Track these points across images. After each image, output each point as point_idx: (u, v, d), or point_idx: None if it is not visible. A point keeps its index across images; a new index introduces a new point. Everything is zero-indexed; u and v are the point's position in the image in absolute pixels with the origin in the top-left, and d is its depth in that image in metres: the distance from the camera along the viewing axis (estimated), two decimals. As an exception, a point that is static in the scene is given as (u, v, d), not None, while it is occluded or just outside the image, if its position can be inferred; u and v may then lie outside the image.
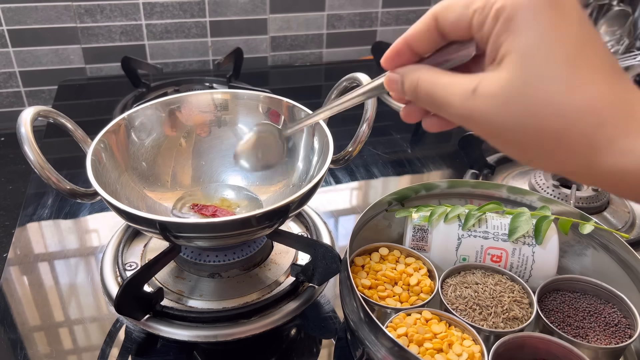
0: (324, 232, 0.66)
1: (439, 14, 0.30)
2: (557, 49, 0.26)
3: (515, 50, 0.26)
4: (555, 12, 0.26)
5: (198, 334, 0.52)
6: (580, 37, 0.26)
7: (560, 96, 0.25)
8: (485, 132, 0.28)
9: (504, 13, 0.26)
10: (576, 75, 0.25)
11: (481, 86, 0.27)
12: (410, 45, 0.32)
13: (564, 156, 0.27)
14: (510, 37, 0.26)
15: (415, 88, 0.31)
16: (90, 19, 1.10)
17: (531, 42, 0.26)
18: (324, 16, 1.24)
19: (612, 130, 0.25)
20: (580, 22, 0.26)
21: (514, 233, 0.54)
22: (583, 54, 0.26)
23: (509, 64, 0.27)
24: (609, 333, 0.48)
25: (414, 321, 0.48)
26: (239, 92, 0.66)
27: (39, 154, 0.51)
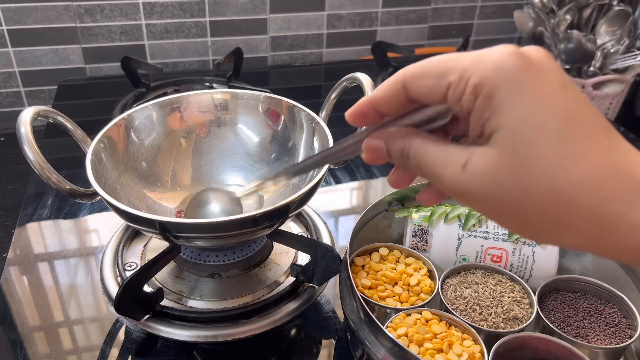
0: (324, 232, 0.66)
1: (408, 81, 0.28)
2: (545, 124, 0.24)
3: (502, 128, 0.25)
4: (536, 83, 0.25)
5: (198, 334, 0.52)
6: (567, 106, 0.25)
7: (556, 174, 0.24)
8: (479, 208, 0.27)
9: (483, 90, 0.25)
10: (569, 149, 0.24)
11: (472, 162, 0.26)
12: (376, 108, 0.30)
13: (567, 233, 0.25)
14: (494, 115, 0.25)
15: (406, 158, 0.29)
16: (90, 19, 1.10)
17: (517, 119, 0.24)
18: (324, 16, 1.24)
19: (616, 206, 0.24)
20: (563, 86, 0.25)
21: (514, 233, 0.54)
22: (572, 125, 0.24)
23: (498, 142, 0.25)
24: (609, 333, 0.48)
25: (414, 321, 0.48)
26: (239, 92, 0.66)
27: (39, 154, 0.51)
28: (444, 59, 0.27)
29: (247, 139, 0.67)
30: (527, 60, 0.25)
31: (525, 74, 0.25)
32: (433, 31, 1.35)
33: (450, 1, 1.32)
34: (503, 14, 1.38)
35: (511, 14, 1.35)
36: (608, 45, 1.19)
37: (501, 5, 1.37)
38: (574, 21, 1.22)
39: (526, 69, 0.25)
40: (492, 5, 1.36)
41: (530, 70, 0.25)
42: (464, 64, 0.26)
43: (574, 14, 1.21)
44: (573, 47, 1.16)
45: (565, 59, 1.19)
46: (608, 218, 0.24)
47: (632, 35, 1.19)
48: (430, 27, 1.34)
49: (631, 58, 1.18)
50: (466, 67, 0.26)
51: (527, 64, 0.25)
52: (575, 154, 0.24)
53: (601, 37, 1.20)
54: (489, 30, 1.40)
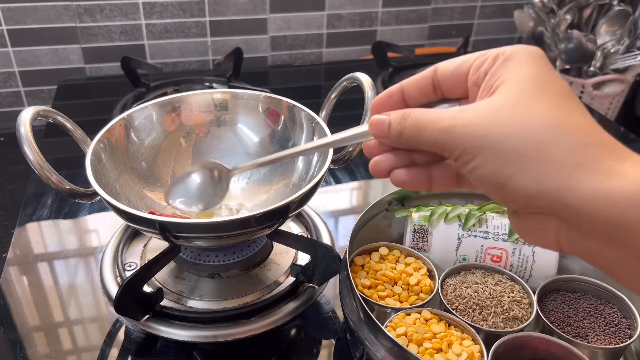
0: (324, 232, 0.65)
1: (439, 65, 0.32)
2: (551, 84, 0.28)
3: (511, 79, 0.28)
4: (546, 63, 0.29)
5: (198, 334, 0.52)
6: (565, 87, 0.28)
7: (551, 113, 0.27)
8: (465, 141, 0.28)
9: (504, 54, 0.29)
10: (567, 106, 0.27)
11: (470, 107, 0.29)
12: (402, 90, 0.33)
13: (546, 170, 0.26)
14: (508, 70, 0.28)
15: (404, 121, 0.31)
16: (90, 19, 1.10)
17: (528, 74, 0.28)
18: (324, 16, 1.24)
19: (598, 152, 0.26)
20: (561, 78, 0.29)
21: (514, 233, 0.54)
22: (572, 97, 0.28)
23: (502, 89, 0.28)
24: (609, 333, 0.48)
25: (413, 321, 0.48)
26: (239, 92, 0.66)
27: (39, 153, 0.51)
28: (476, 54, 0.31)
29: (247, 139, 0.67)
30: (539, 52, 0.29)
31: (540, 54, 0.29)
32: (433, 31, 1.35)
33: (450, 1, 1.32)
34: (503, 14, 1.38)
35: (511, 14, 1.35)
36: (608, 45, 1.19)
37: (501, 5, 1.37)
38: (574, 21, 1.22)
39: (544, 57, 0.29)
40: (492, 5, 1.36)
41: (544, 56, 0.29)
42: (491, 51, 0.30)
43: (574, 14, 1.21)
44: (573, 47, 1.16)
45: (566, 59, 1.19)
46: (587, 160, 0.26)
47: (632, 35, 1.19)
48: (430, 27, 1.34)
49: (631, 58, 1.18)
50: (492, 50, 0.30)
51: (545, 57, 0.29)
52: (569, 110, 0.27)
53: (601, 37, 1.20)
54: (489, 30, 1.40)
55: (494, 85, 0.28)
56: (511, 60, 0.28)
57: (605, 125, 1.05)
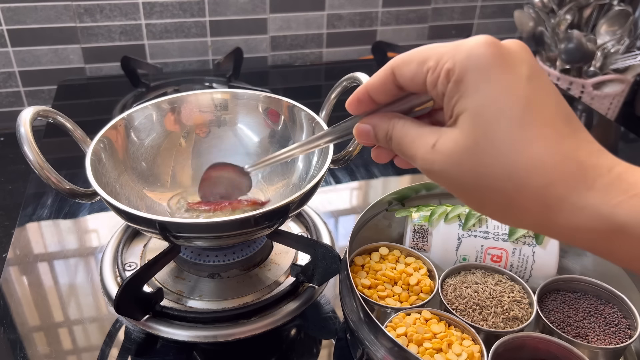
0: (324, 232, 0.65)
1: (396, 68, 0.30)
2: (505, 110, 0.26)
3: (466, 111, 0.27)
4: (503, 72, 0.26)
5: (198, 335, 0.52)
6: (529, 95, 0.26)
7: (509, 157, 0.26)
8: (444, 185, 0.29)
9: (454, 75, 0.27)
10: (524, 134, 0.26)
11: (439, 143, 0.28)
12: (370, 95, 0.32)
13: (518, 214, 0.27)
14: (461, 99, 0.27)
15: (390, 139, 0.32)
16: (90, 19, 1.10)
17: (480, 103, 0.26)
18: (324, 16, 1.24)
19: (561, 189, 0.25)
20: (530, 77, 0.27)
21: (514, 233, 0.54)
22: (531, 112, 0.26)
23: (462, 124, 0.27)
24: (609, 333, 0.48)
25: (413, 321, 0.48)
26: (239, 92, 0.66)
27: (39, 153, 0.51)
28: (427, 47, 0.29)
29: (247, 139, 0.67)
30: (499, 49, 0.27)
31: (493, 62, 0.26)
32: (433, 31, 1.35)
33: (450, 1, 1.32)
34: (503, 14, 1.38)
35: (511, 14, 1.35)
36: (608, 45, 1.19)
37: (501, 5, 1.37)
38: (574, 21, 1.22)
39: (496, 58, 0.26)
40: (492, 5, 1.36)
41: (500, 59, 0.26)
42: (442, 51, 0.28)
43: (574, 14, 1.21)
44: (573, 47, 1.16)
45: (566, 59, 1.19)
46: (553, 200, 0.26)
47: (632, 35, 1.19)
48: (430, 27, 1.34)
49: (631, 58, 1.18)
50: (443, 54, 0.28)
51: (497, 53, 0.27)
52: (529, 138, 0.26)
53: (601, 37, 1.20)
54: (489, 30, 1.40)
55: (454, 113, 0.28)
56: (462, 83, 0.27)
57: (605, 125, 1.06)
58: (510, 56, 0.27)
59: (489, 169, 0.26)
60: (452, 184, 0.29)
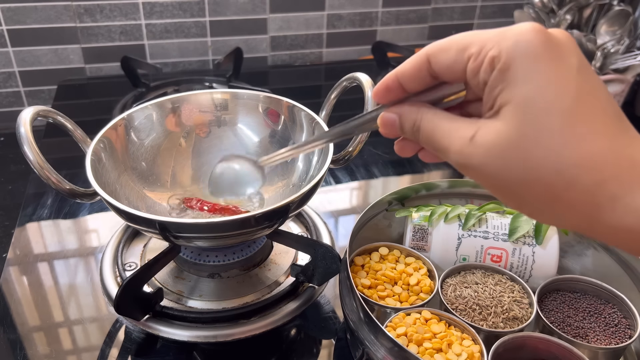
0: (324, 232, 0.65)
1: (432, 56, 0.28)
2: (556, 102, 0.25)
3: (512, 102, 0.25)
4: (552, 61, 0.25)
5: (198, 335, 0.52)
6: (580, 87, 0.25)
7: (559, 152, 0.24)
8: (482, 181, 0.28)
9: (500, 62, 0.25)
10: (575, 129, 0.24)
11: (479, 135, 0.27)
12: (400, 82, 0.30)
13: (564, 212, 0.26)
14: (506, 88, 0.25)
15: (417, 130, 0.30)
16: (90, 19, 1.10)
17: (528, 94, 0.25)
18: (324, 16, 1.24)
19: (614, 188, 0.24)
20: (579, 69, 0.25)
21: (514, 233, 0.54)
22: (583, 106, 0.25)
23: (506, 116, 0.26)
24: (609, 333, 0.48)
25: (413, 321, 0.48)
26: (239, 92, 0.66)
27: (39, 153, 0.51)
28: (468, 33, 0.27)
29: (247, 139, 0.67)
30: (548, 38, 0.25)
31: (543, 51, 0.25)
32: (433, 31, 1.35)
33: (450, 1, 1.32)
34: (503, 14, 1.38)
35: (511, 14, 1.35)
36: (608, 45, 1.19)
37: (501, 5, 1.37)
38: (574, 21, 1.22)
39: (545, 47, 0.25)
40: (492, 5, 1.36)
41: (549, 48, 0.25)
42: (486, 37, 0.26)
43: (574, 14, 1.21)
44: (573, 47, 1.16)
45: (565, 58, 1.18)
46: (604, 200, 0.24)
47: (633, 35, 1.19)
48: (430, 27, 1.34)
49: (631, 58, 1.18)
50: (487, 40, 0.26)
51: (547, 41, 0.25)
52: (580, 134, 0.24)
53: (601, 37, 1.20)
54: (489, 30, 1.40)
55: (497, 103, 0.26)
56: (509, 72, 0.25)
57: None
58: (559, 46, 0.25)
59: (536, 163, 0.25)
60: (491, 179, 0.27)
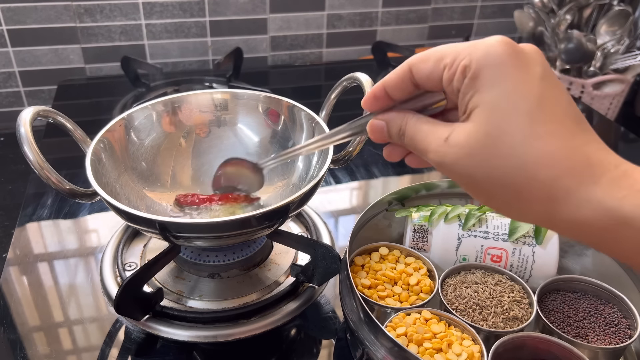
0: (324, 232, 0.65)
1: (413, 66, 0.31)
2: (519, 105, 0.27)
3: (481, 105, 0.28)
4: (517, 69, 0.28)
5: (198, 335, 0.52)
6: (542, 93, 0.27)
7: (520, 149, 0.27)
8: (455, 178, 0.30)
9: (470, 71, 0.28)
10: (535, 129, 0.27)
11: (452, 136, 0.29)
12: (386, 91, 0.33)
13: (526, 206, 0.28)
14: (476, 94, 0.28)
15: (402, 135, 0.33)
16: (90, 19, 1.10)
17: (495, 98, 0.28)
18: (324, 16, 1.24)
19: (568, 182, 0.26)
20: (543, 77, 0.28)
21: (514, 233, 0.54)
22: (544, 109, 0.27)
23: (475, 118, 0.28)
24: (609, 333, 0.48)
25: (413, 321, 0.48)
26: (239, 92, 0.66)
27: (39, 154, 0.51)
28: (444, 46, 0.30)
29: (247, 139, 0.67)
30: (515, 50, 0.28)
31: (509, 60, 0.28)
32: (433, 31, 1.35)
33: (450, 1, 1.32)
34: (503, 14, 1.38)
35: (511, 14, 1.35)
36: (608, 45, 1.19)
37: (501, 5, 1.37)
38: (574, 21, 1.22)
39: (511, 57, 0.28)
40: (492, 5, 1.36)
41: (515, 58, 0.28)
42: (459, 49, 0.29)
43: (574, 14, 1.21)
44: (573, 47, 1.16)
45: (565, 59, 1.19)
46: (559, 193, 0.27)
47: (632, 35, 1.19)
48: (430, 27, 1.34)
49: (631, 58, 1.18)
50: (460, 51, 0.29)
51: (514, 52, 0.28)
52: (540, 133, 0.27)
53: (601, 37, 1.20)
54: (489, 30, 1.40)
55: (468, 108, 0.29)
56: (478, 79, 0.28)
57: (605, 125, 1.06)
58: (524, 56, 0.28)
59: (500, 161, 0.27)
60: (462, 176, 0.29)
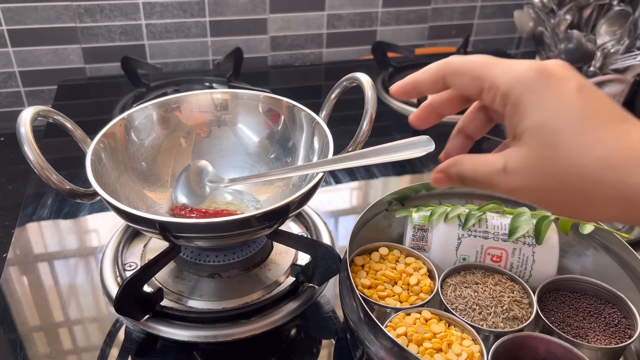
0: (324, 232, 0.66)
1: (448, 77, 0.33)
2: (564, 121, 0.29)
3: (529, 129, 0.30)
4: (554, 90, 0.29)
5: (198, 334, 0.52)
6: (583, 104, 0.29)
7: (579, 160, 0.28)
8: (526, 199, 0.32)
9: (510, 99, 0.30)
10: (588, 137, 0.28)
11: (508, 165, 0.31)
12: (417, 88, 0.35)
13: (600, 209, 0.29)
14: (522, 120, 0.30)
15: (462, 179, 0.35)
16: (90, 19, 1.10)
17: (540, 121, 0.29)
18: (324, 16, 1.24)
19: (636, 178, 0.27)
20: (579, 89, 0.29)
21: (514, 233, 0.54)
22: (589, 118, 0.29)
23: (527, 142, 0.30)
24: (609, 333, 0.48)
25: (413, 321, 0.48)
26: (239, 92, 0.66)
27: (39, 154, 0.51)
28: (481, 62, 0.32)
29: (247, 139, 0.67)
30: (546, 73, 0.30)
31: (544, 84, 0.30)
32: (433, 31, 1.35)
33: (450, 1, 1.32)
34: (503, 14, 1.38)
35: (511, 14, 1.35)
36: (608, 45, 1.19)
37: (501, 5, 1.37)
38: (574, 21, 1.22)
39: (545, 80, 0.30)
40: (492, 5, 1.36)
41: (548, 79, 0.30)
42: (496, 74, 0.31)
43: (574, 14, 1.21)
44: (573, 47, 1.16)
45: (565, 59, 1.19)
46: (631, 191, 0.28)
47: (632, 35, 1.19)
48: (430, 27, 1.34)
49: (631, 58, 1.18)
50: (497, 77, 0.31)
51: (545, 74, 0.30)
52: (593, 140, 0.28)
53: (601, 37, 1.20)
54: (489, 30, 1.40)
55: (517, 133, 0.31)
56: (519, 106, 0.30)
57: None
58: (556, 76, 0.30)
59: (563, 176, 0.29)
60: (531, 196, 0.31)
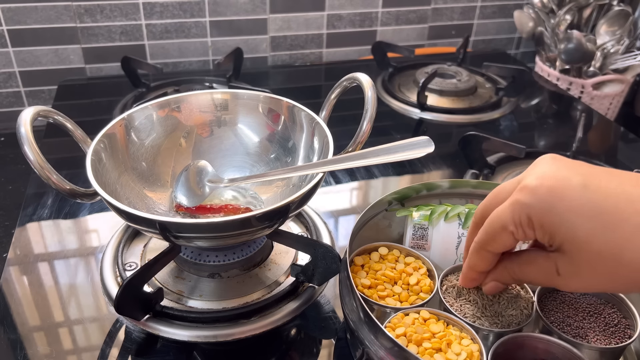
0: (324, 232, 0.66)
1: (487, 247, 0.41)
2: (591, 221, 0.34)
3: (565, 242, 0.36)
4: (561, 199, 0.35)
5: (198, 334, 0.52)
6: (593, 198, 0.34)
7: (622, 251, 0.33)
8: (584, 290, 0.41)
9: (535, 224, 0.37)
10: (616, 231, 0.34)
11: (560, 269, 0.37)
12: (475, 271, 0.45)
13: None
14: (553, 236, 0.36)
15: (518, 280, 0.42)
16: (90, 19, 1.10)
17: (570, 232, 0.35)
18: (324, 16, 1.24)
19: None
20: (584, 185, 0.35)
21: (514, 233, 0.54)
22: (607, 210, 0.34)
23: (568, 250, 0.36)
24: (608, 333, 0.48)
25: (412, 321, 0.48)
26: (239, 92, 0.66)
27: (39, 154, 0.51)
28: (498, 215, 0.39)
29: (247, 139, 0.67)
30: (550, 186, 0.35)
31: (552, 200, 0.35)
32: (433, 31, 1.35)
33: (450, 1, 1.32)
34: (503, 14, 1.38)
35: (511, 14, 1.35)
36: (608, 45, 1.19)
37: (501, 5, 1.37)
38: (574, 21, 1.22)
39: (550, 196, 0.35)
40: (492, 5, 1.36)
41: (553, 194, 0.35)
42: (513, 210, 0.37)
43: (574, 14, 1.21)
44: (573, 47, 1.16)
45: (565, 59, 1.19)
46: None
47: (632, 35, 1.19)
48: (430, 27, 1.34)
49: (631, 58, 1.18)
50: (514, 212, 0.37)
51: (548, 193, 0.36)
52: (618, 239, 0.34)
53: (601, 37, 1.20)
54: (489, 31, 1.40)
55: (554, 245, 0.37)
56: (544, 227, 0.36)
57: (605, 126, 1.06)
58: (562, 184, 0.35)
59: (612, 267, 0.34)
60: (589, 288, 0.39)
